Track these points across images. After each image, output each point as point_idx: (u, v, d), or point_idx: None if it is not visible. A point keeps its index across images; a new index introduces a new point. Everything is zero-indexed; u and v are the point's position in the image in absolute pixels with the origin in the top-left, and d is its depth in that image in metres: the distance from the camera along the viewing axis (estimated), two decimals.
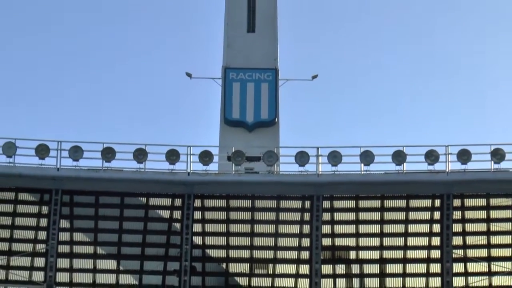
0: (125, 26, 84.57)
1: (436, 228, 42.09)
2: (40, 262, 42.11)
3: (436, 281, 42.48)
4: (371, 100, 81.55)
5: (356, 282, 44.08)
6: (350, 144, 42.73)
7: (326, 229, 42.20)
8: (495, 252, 42.91)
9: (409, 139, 65.73)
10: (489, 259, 42.67)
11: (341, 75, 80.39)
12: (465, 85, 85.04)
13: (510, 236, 42.54)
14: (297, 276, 43.10)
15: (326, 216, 42.21)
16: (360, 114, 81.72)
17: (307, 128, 70.02)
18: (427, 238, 42.56)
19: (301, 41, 72.17)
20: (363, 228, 43.08)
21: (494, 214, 42.54)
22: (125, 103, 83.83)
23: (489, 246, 42.76)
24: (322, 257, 42.17)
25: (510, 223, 42.50)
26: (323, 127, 75.68)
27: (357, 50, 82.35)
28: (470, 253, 42.57)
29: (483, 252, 42.88)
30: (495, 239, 42.77)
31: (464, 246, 42.38)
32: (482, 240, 42.70)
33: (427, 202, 42.04)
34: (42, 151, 40.96)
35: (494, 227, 42.65)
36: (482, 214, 42.51)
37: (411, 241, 42.97)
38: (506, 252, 42.76)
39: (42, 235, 41.91)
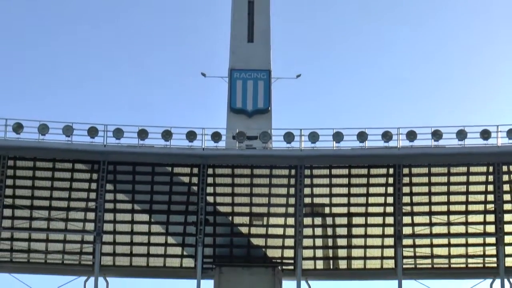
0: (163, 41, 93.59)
1: (390, 189, 48.66)
2: (91, 215, 48.65)
3: (390, 230, 49.25)
4: (342, 93, 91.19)
5: (329, 230, 50.60)
6: (325, 127, 49.09)
7: (306, 190, 48.73)
8: (434, 208, 49.34)
9: (371, 122, 74.37)
10: (430, 213, 49.28)
11: (319, 75, 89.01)
12: (418, 79, 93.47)
13: (446, 195, 49.07)
14: (285, 226, 49.69)
15: (307, 181, 48.72)
16: (333, 104, 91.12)
17: (292, 114, 76.39)
18: (383, 197, 48.95)
19: (289, 48, 79.09)
20: (335, 190, 49.41)
21: (433, 179, 48.93)
22: (157, 95, 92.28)
23: (430, 203, 49.29)
24: (304, 212, 48.46)
25: (446, 186, 48.98)
26: (304, 113, 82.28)
27: (332, 57, 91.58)
28: (416, 208, 49.12)
29: (426, 208, 49.29)
30: (434, 198, 49.25)
31: (411, 204, 48.89)
32: (425, 199, 49.16)
33: (383, 170, 48.72)
34: (92, 131, 47.54)
35: (434, 189, 49.14)
36: (424, 180, 48.87)
37: (371, 199, 49.37)
38: (443, 208, 49.35)
39: (93, 195, 48.46)
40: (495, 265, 49.21)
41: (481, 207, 49.20)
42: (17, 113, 52.13)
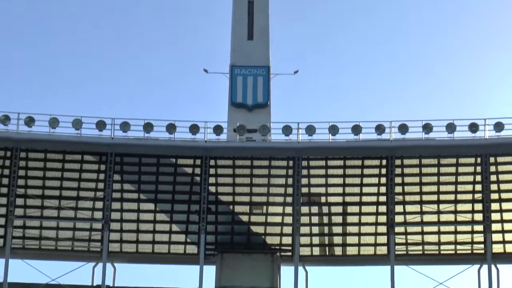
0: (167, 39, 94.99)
1: (383, 180, 49.28)
2: (99, 204, 49.24)
3: (383, 218, 49.93)
4: (338, 88, 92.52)
5: (325, 219, 51.23)
6: (322, 120, 49.66)
7: (304, 181, 49.32)
8: (425, 197, 49.77)
9: (365, 116, 75.44)
10: (421, 202, 49.64)
11: (316, 71, 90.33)
12: (410, 75, 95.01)
13: (436, 185, 49.52)
14: (283, 214, 50.34)
15: (304, 171, 49.28)
16: (329, 98, 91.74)
17: (290, 108, 76.42)
18: (377, 187, 49.63)
19: (287, 46, 79.20)
20: (330, 180, 50.06)
21: (424, 170, 49.31)
22: (162, 90, 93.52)
23: (421, 193, 49.72)
24: (301, 201, 49.06)
25: (436, 177, 49.40)
26: (302, 108, 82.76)
27: (328, 53, 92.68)
28: (407, 198, 49.58)
29: (417, 197, 49.74)
30: (425, 188, 49.72)
31: (403, 193, 49.48)
32: (416, 188, 49.67)
33: (376, 162, 49.34)
34: (100, 125, 47.98)
35: (425, 179, 49.50)
36: (415, 170, 49.42)
37: (365, 189, 49.94)
38: (433, 197, 49.83)
39: (101, 185, 49.06)
40: (482, 251, 49.77)
41: (469, 197, 49.74)
42: (29, 108, 53.76)
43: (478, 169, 49.12)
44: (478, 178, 49.27)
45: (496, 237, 50.35)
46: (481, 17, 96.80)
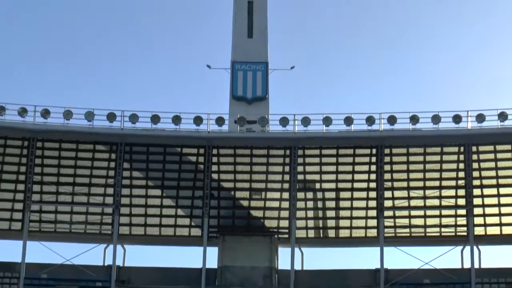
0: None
1: (373, 167, 50.72)
2: (110, 190, 50.50)
3: (373, 203, 51.49)
4: (331, 82, 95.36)
5: (320, 203, 52.69)
6: (316, 112, 50.24)
7: (299, 168, 50.52)
8: (412, 184, 51.18)
9: (356, 108, 77.03)
10: (408, 188, 51.03)
11: (311, 67, 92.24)
12: (398, 69, 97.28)
13: (422, 173, 50.93)
14: (280, 199, 51.79)
15: (300, 160, 50.47)
16: (323, 92, 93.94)
17: (287, 101, 78.48)
18: (367, 174, 51.10)
19: (284, 43, 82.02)
20: (324, 168, 51.55)
21: (411, 158, 50.83)
22: (168, 85, 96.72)
23: (408, 179, 51.18)
24: (297, 187, 50.13)
25: (422, 165, 50.86)
26: (298, 101, 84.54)
27: (323, 50, 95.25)
28: (396, 184, 51.04)
29: (404, 184, 51.12)
30: (412, 175, 51.22)
31: (392, 180, 50.86)
32: (403, 175, 51.16)
33: (367, 151, 50.60)
34: (111, 117, 48.88)
35: (411, 167, 51.03)
36: (403, 159, 50.84)
37: (357, 176, 51.42)
38: (419, 183, 51.24)
39: (111, 172, 50.43)
40: (465, 233, 50.96)
41: (453, 183, 51.19)
42: (44, 101, 54.82)
43: (461, 157, 50.42)
44: (461, 165, 50.56)
45: (478, 220, 51.88)
46: (465, 13, 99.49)
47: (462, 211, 51.57)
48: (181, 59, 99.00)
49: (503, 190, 51.96)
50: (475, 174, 50.88)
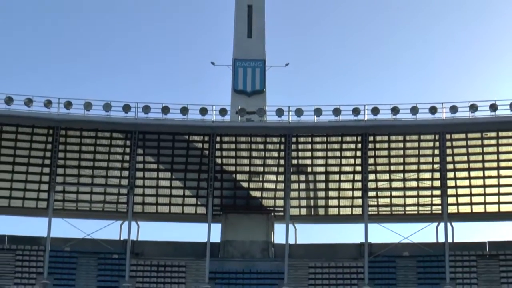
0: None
1: (358, 153, 53.99)
2: (125, 173, 54.02)
3: (358, 185, 54.84)
4: (321, 77, 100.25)
5: (311, 185, 55.90)
6: (308, 104, 53.48)
7: (293, 154, 53.77)
8: (393, 167, 54.72)
9: (343, 100, 78.22)
10: (389, 172, 54.65)
11: (303, 64, 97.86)
12: (383, 64, 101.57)
13: (402, 158, 54.32)
14: (276, 181, 55.23)
15: (294, 146, 53.68)
16: (314, 86, 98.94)
17: (283, 94, 77.26)
18: (353, 159, 54.41)
19: (280, 43, 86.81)
20: (315, 153, 54.85)
21: (392, 145, 54.29)
22: (177, 80, 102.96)
23: (389, 164, 54.67)
24: (291, 171, 53.18)
25: (402, 151, 54.31)
26: (292, 94, 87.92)
27: (314, 49, 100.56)
28: (378, 168, 54.36)
29: (386, 168, 54.65)
30: (393, 160, 54.67)
31: (375, 164, 54.23)
32: (385, 160, 54.56)
33: (353, 138, 53.91)
34: (126, 108, 51.80)
35: (393, 153, 54.55)
36: (385, 145, 54.31)
37: (344, 161, 54.20)
38: (399, 167, 54.68)
39: (126, 157, 53.90)
40: (440, 212, 54.02)
41: (429, 167, 54.42)
42: (67, 93, 57.73)
43: (437, 144, 53.66)
44: (437, 152, 53.78)
45: (451, 200, 55.47)
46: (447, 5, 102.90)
47: (437, 192, 54.76)
48: (188, 57, 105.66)
49: (473, 173, 55.34)
50: (449, 159, 54.08)
